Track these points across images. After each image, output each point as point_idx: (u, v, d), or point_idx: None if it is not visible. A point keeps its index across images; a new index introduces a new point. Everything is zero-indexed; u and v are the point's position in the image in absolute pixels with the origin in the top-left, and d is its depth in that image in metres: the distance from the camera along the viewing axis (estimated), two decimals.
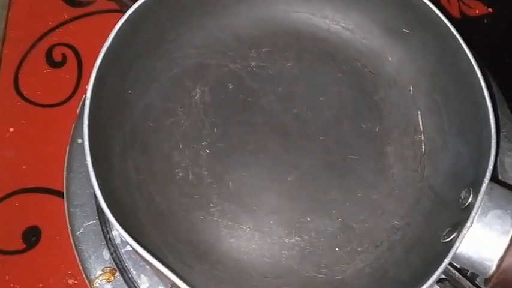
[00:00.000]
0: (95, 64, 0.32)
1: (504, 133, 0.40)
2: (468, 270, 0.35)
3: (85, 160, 0.31)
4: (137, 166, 0.35)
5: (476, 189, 0.31)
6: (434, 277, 0.29)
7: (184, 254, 0.33)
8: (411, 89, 0.39)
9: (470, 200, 0.31)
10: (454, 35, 0.34)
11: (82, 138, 0.41)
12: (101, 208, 0.39)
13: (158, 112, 0.37)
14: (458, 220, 0.32)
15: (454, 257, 0.30)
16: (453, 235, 0.31)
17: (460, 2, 0.48)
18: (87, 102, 0.32)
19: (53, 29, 0.46)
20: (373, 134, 0.38)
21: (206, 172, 0.36)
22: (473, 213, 0.30)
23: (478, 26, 0.47)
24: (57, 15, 0.47)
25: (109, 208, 0.30)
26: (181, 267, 0.32)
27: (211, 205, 0.35)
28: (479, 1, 0.48)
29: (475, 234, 0.30)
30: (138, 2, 0.34)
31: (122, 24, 0.34)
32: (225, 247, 0.34)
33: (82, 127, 0.32)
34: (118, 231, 0.30)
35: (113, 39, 0.33)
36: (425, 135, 0.38)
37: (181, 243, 0.34)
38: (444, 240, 0.31)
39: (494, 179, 0.32)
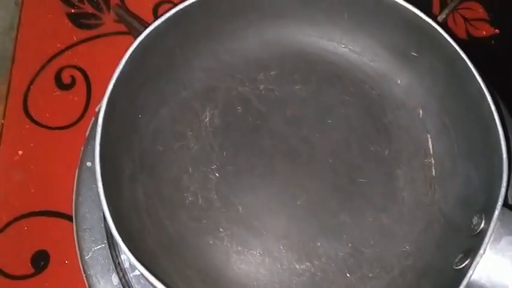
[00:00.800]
0: (107, 89, 0.33)
1: None
2: None
3: (95, 185, 0.31)
4: (146, 190, 0.35)
5: (488, 215, 0.31)
6: None
7: (194, 281, 0.33)
8: (420, 111, 0.39)
9: (482, 226, 0.31)
10: (463, 58, 0.34)
11: (91, 161, 0.41)
12: (110, 232, 0.40)
13: (167, 136, 0.37)
14: (470, 246, 0.31)
15: (467, 285, 0.30)
16: (466, 262, 0.30)
17: (467, 23, 0.48)
18: (99, 129, 0.32)
19: (62, 51, 0.46)
20: (382, 157, 0.38)
21: (215, 196, 0.36)
22: (486, 240, 0.30)
23: (485, 47, 0.47)
24: (66, 37, 0.47)
25: (120, 234, 0.30)
26: None
27: (221, 229, 0.35)
28: (485, 22, 0.48)
29: (487, 261, 0.30)
30: (149, 27, 0.34)
31: (134, 50, 0.34)
32: (234, 273, 0.34)
33: (91, 150, 0.32)
34: (129, 258, 0.29)
35: (124, 64, 0.33)
36: (435, 159, 0.37)
37: (190, 270, 0.34)
38: (456, 267, 0.31)
39: (505, 204, 0.32)
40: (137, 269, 0.29)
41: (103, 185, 0.30)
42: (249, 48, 0.40)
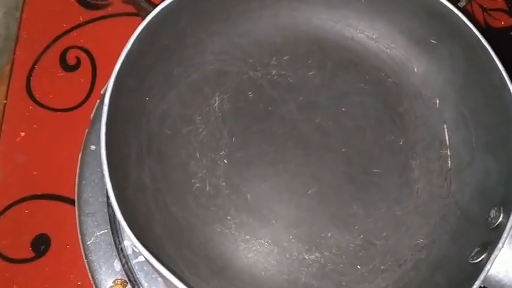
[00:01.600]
0: (114, 69, 0.31)
1: None
2: None
3: (100, 168, 0.30)
4: (153, 175, 0.34)
5: (507, 208, 0.30)
6: None
7: (201, 269, 0.32)
8: (437, 101, 0.37)
9: (500, 219, 0.30)
10: (484, 46, 0.33)
11: (95, 144, 0.40)
12: (114, 217, 0.39)
13: (175, 119, 0.36)
14: (487, 240, 0.30)
15: (484, 279, 0.29)
16: (483, 256, 0.29)
17: (485, 13, 0.47)
18: (105, 108, 0.31)
19: (67, 32, 0.45)
20: (397, 147, 0.36)
21: (223, 183, 0.35)
22: (505, 234, 0.29)
23: (504, 38, 0.46)
24: (72, 17, 0.46)
25: (125, 219, 0.29)
26: (197, 283, 0.31)
27: (229, 217, 0.34)
28: (504, 12, 0.47)
29: (505, 255, 0.29)
30: (158, 6, 0.33)
31: (142, 29, 0.33)
32: (242, 262, 0.33)
33: (96, 133, 0.31)
34: (133, 243, 0.28)
35: (132, 44, 0.32)
36: (451, 150, 0.36)
37: (197, 257, 0.33)
38: (473, 261, 0.30)
39: None
40: (142, 255, 0.28)
41: (108, 167, 0.29)
42: (262, 32, 0.38)
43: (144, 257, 0.28)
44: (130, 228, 0.28)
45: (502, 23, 0.47)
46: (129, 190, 0.32)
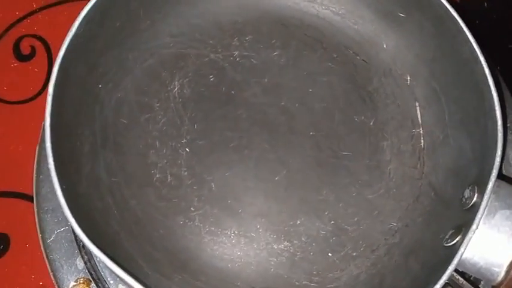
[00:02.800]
0: (58, 55, 0.29)
1: (508, 124, 0.37)
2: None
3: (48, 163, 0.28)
4: (109, 167, 0.32)
5: (481, 187, 0.28)
6: (438, 286, 0.26)
7: (162, 264, 0.30)
8: (408, 78, 0.36)
9: (475, 199, 0.29)
10: (454, 17, 0.31)
11: None
12: None
13: (132, 107, 0.34)
14: (462, 221, 0.29)
15: (459, 263, 0.27)
16: (457, 238, 0.28)
17: None
18: (49, 98, 0.29)
19: (20, 20, 0.43)
20: (367, 128, 0.35)
21: (186, 173, 0.33)
22: (479, 215, 0.27)
23: (478, 10, 0.44)
24: (24, 4, 0.43)
25: (74, 216, 0.27)
26: (158, 279, 0.29)
27: (192, 209, 0.32)
28: None
29: (481, 237, 0.28)
30: None
31: (89, 11, 0.31)
32: (207, 255, 0.31)
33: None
34: (82, 240, 0.26)
35: (78, 27, 0.30)
36: (424, 129, 0.35)
37: (158, 252, 0.31)
38: (447, 244, 0.28)
39: (499, 175, 0.29)
40: (92, 252, 0.26)
41: (55, 161, 0.27)
42: (222, 11, 0.36)
43: (94, 253, 0.26)
44: (80, 226, 0.27)
45: None
46: (82, 184, 0.30)
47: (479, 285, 0.33)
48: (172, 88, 0.35)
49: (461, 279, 0.31)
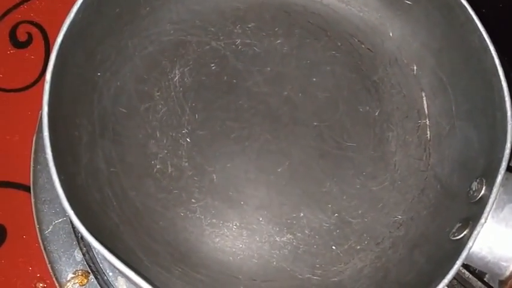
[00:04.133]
0: (56, 42, 0.28)
1: None
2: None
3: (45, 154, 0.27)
4: (108, 158, 0.31)
5: (489, 180, 0.28)
6: (446, 281, 0.25)
7: (162, 257, 0.30)
8: (414, 67, 0.35)
9: (483, 192, 0.28)
10: (463, 4, 0.31)
11: None
12: None
13: (131, 96, 0.33)
14: (469, 215, 0.28)
15: (466, 257, 0.27)
16: (464, 232, 0.27)
17: None
18: (47, 86, 0.28)
19: (16, 6, 0.42)
20: (372, 119, 0.34)
21: (187, 163, 0.32)
22: (487, 208, 0.27)
23: None
24: None
25: (73, 207, 0.26)
26: (158, 272, 0.29)
27: (193, 200, 0.32)
28: None
29: (489, 231, 0.27)
30: None
31: None
32: (208, 248, 0.31)
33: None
34: (81, 233, 0.26)
35: (76, 13, 0.29)
36: (430, 119, 0.34)
37: (158, 244, 0.30)
38: (454, 238, 0.28)
39: (508, 167, 0.28)
40: (92, 245, 0.25)
41: (53, 151, 0.27)
42: None
43: (94, 246, 0.26)
44: (79, 217, 0.26)
45: None
46: (81, 175, 0.29)
47: (484, 279, 0.33)
48: (172, 77, 0.34)
49: (466, 272, 0.31)
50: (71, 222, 0.36)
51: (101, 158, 0.31)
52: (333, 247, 0.31)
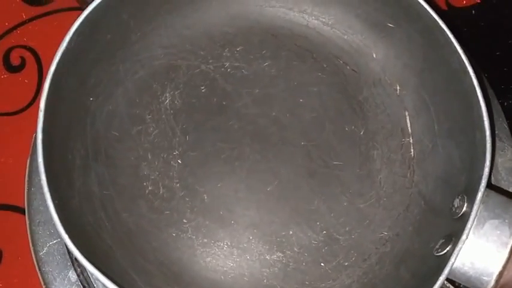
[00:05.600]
0: (49, 70, 0.29)
1: (496, 132, 0.38)
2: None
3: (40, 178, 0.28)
4: (101, 180, 0.32)
5: (470, 197, 0.29)
6: None
7: (155, 277, 0.30)
8: (398, 87, 0.36)
9: (464, 209, 0.29)
10: (442, 28, 0.32)
11: None
12: None
13: (123, 120, 0.34)
14: (452, 231, 0.29)
15: (449, 272, 0.28)
16: (447, 248, 0.28)
17: None
18: (41, 114, 0.29)
19: (9, 31, 0.43)
20: (358, 138, 0.35)
21: (178, 184, 0.33)
22: (469, 225, 0.28)
23: (466, 18, 0.45)
24: (14, 15, 0.43)
25: (67, 232, 0.27)
26: None
27: (184, 221, 0.33)
28: None
29: (470, 246, 0.28)
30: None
31: (79, 25, 0.31)
32: (200, 267, 0.32)
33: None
34: (75, 255, 0.26)
35: (68, 41, 0.30)
36: (413, 138, 0.35)
37: (151, 265, 0.31)
38: (438, 254, 0.29)
39: (488, 184, 0.29)
40: (86, 268, 0.26)
41: (47, 176, 0.27)
42: (212, 22, 0.36)
43: (88, 269, 0.26)
44: (73, 241, 0.27)
45: (464, 2, 0.45)
46: (75, 199, 0.30)
47: None
48: (163, 100, 0.35)
49: (451, 287, 0.31)
50: (66, 244, 0.36)
51: (94, 181, 0.32)
52: (322, 264, 0.32)
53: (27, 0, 0.44)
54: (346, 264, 0.32)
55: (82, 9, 0.40)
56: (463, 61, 0.31)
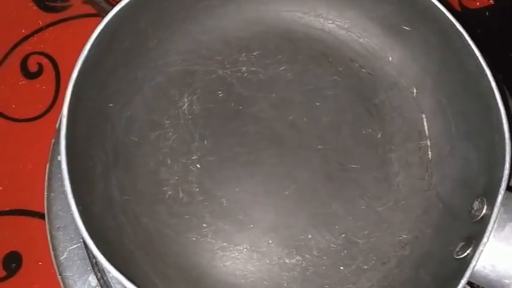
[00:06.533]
0: (71, 79, 0.30)
1: None
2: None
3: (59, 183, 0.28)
4: (121, 186, 0.32)
5: (490, 200, 0.29)
6: None
7: (176, 282, 0.31)
8: (414, 90, 0.36)
9: (484, 211, 0.29)
10: (459, 31, 0.32)
11: None
12: None
13: (142, 125, 0.34)
14: (472, 234, 0.29)
15: (470, 275, 0.28)
16: (468, 251, 0.28)
17: None
18: (64, 121, 0.29)
19: (27, 37, 0.43)
20: (375, 141, 0.35)
21: (197, 189, 0.34)
22: (489, 228, 0.28)
23: (479, 19, 0.45)
24: (31, 22, 0.43)
25: (91, 237, 0.27)
26: None
27: (204, 225, 0.33)
28: None
29: (491, 249, 0.28)
30: (115, 8, 0.31)
31: (100, 32, 0.31)
32: (220, 271, 0.32)
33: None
34: (100, 261, 0.27)
35: (89, 50, 0.30)
36: (431, 140, 0.35)
37: (172, 269, 0.31)
38: (458, 257, 0.29)
39: (508, 187, 0.29)
40: (110, 273, 0.26)
41: (71, 183, 0.28)
42: (228, 27, 0.37)
43: (113, 274, 0.27)
44: (98, 247, 0.27)
45: (478, 3, 0.45)
46: (96, 204, 0.31)
47: None
48: (181, 105, 0.35)
49: None
50: (86, 248, 0.36)
51: (114, 186, 0.32)
52: (341, 267, 0.32)
53: (44, 7, 0.44)
54: (365, 267, 0.32)
55: (99, 15, 0.41)
56: (480, 64, 0.31)
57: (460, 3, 0.45)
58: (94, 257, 0.36)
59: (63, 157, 0.28)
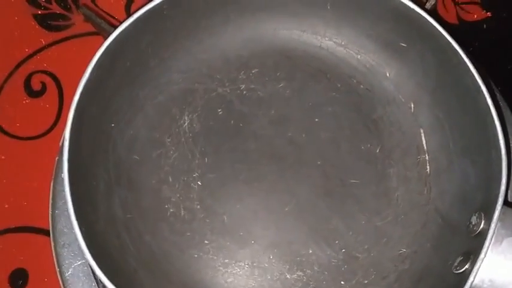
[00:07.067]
0: (73, 102, 0.30)
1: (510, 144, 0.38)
2: None
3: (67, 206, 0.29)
4: (124, 204, 0.33)
5: (488, 215, 0.29)
6: None
7: None
8: (412, 105, 0.36)
9: (482, 226, 0.29)
10: (455, 48, 0.32)
11: None
12: None
13: (144, 144, 0.35)
14: (470, 248, 0.30)
15: None
16: (466, 266, 0.29)
17: (458, 7, 0.46)
18: (66, 143, 0.29)
19: (30, 56, 0.44)
20: (374, 156, 0.36)
21: (198, 206, 0.34)
22: (487, 243, 0.28)
23: (477, 32, 0.45)
24: (33, 41, 0.44)
25: (93, 255, 0.28)
26: None
27: (206, 242, 0.33)
28: (477, 5, 0.46)
29: (489, 264, 0.28)
30: (116, 30, 0.32)
31: (102, 54, 0.31)
32: (221, 287, 0.32)
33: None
34: (101, 280, 0.27)
35: (91, 70, 0.31)
36: (429, 155, 0.35)
37: (175, 286, 0.32)
38: (456, 271, 0.29)
39: (505, 201, 0.30)
40: None
41: (74, 203, 0.28)
42: (227, 46, 0.37)
43: None
44: (101, 267, 0.27)
45: (475, 16, 0.46)
46: (99, 223, 0.31)
47: None
48: (182, 123, 0.36)
49: None
50: (92, 268, 0.37)
51: (117, 205, 0.33)
52: (342, 282, 0.33)
53: (46, 26, 0.45)
54: (365, 282, 0.33)
55: (100, 34, 0.41)
56: (476, 81, 0.31)
57: (458, 16, 0.46)
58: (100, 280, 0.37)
59: (66, 180, 0.29)
